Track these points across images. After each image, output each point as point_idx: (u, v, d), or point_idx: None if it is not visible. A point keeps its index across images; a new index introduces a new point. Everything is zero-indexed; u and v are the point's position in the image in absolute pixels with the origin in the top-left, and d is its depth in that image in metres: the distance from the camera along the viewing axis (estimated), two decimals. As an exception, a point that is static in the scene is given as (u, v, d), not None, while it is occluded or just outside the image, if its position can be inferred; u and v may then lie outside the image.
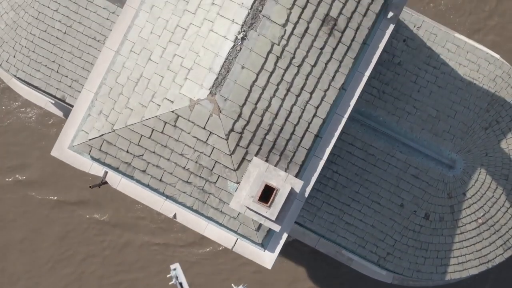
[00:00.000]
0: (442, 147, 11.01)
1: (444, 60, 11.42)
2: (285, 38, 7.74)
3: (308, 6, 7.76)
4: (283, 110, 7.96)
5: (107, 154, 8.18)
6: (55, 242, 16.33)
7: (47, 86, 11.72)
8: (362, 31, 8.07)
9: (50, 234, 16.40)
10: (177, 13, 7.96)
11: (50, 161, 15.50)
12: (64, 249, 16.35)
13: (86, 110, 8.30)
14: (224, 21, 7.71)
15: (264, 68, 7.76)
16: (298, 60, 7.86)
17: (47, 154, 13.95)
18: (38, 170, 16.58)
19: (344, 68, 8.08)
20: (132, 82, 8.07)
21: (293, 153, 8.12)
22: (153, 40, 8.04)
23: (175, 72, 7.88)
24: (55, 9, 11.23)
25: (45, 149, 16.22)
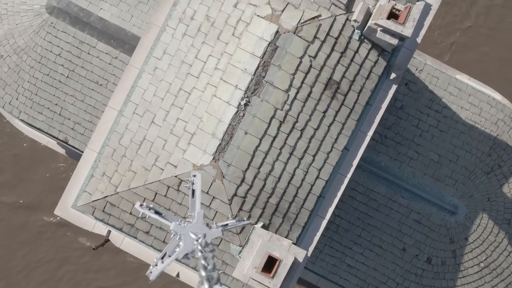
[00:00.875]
0: (444, 193, 11.01)
1: (446, 104, 11.43)
2: (288, 103, 7.76)
3: (311, 71, 7.76)
4: (286, 174, 7.97)
5: (111, 215, 8.19)
6: (32, 250, 16.41)
7: (49, 128, 11.75)
8: (365, 93, 8.08)
9: (23, 241, 16.45)
10: (180, 76, 7.97)
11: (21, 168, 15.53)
12: (40, 257, 16.40)
13: (89, 170, 8.30)
14: (228, 86, 7.72)
15: (267, 133, 7.77)
16: (301, 124, 7.86)
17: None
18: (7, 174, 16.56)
19: (347, 130, 8.09)
20: (135, 144, 8.08)
21: (296, 215, 8.13)
22: (156, 102, 8.05)
23: (178, 137, 7.89)
24: (57, 54, 11.25)
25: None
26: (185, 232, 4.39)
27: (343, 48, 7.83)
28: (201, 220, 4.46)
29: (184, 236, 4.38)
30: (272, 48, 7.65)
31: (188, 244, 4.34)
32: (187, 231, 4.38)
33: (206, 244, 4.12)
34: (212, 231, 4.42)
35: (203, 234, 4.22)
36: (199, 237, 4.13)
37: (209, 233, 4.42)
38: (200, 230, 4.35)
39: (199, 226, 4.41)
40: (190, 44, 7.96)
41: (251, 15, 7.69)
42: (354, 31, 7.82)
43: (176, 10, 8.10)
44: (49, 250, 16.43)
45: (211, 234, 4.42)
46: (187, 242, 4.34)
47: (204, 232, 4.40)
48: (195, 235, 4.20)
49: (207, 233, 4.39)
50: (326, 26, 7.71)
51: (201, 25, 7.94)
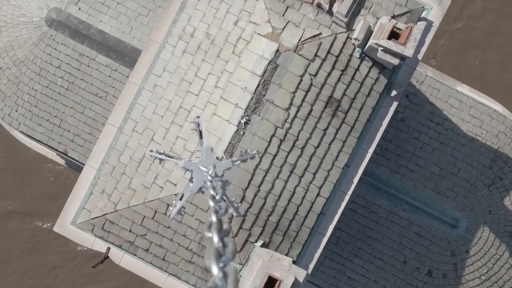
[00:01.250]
0: (445, 206, 10.97)
1: (447, 116, 11.39)
2: (289, 121, 7.72)
3: (312, 89, 7.73)
4: (286, 192, 7.93)
5: (110, 232, 8.16)
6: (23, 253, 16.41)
7: (49, 140, 11.70)
8: (366, 111, 8.04)
9: (14, 245, 16.43)
10: (180, 94, 7.94)
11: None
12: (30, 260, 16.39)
13: (89, 187, 8.27)
14: (228, 105, 7.68)
15: (268, 152, 7.73)
16: (301, 142, 7.83)
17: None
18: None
19: (347, 147, 8.05)
20: (135, 162, 8.05)
21: (296, 232, 8.09)
22: (156, 120, 8.01)
23: (178, 155, 7.84)
24: (57, 66, 11.21)
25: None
26: (196, 168, 4.39)
27: (343, 66, 7.80)
28: (209, 154, 4.45)
29: (195, 172, 4.39)
30: (273, 67, 7.61)
31: (199, 177, 4.37)
32: (197, 165, 4.37)
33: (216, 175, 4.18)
34: (222, 162, 4.38)
35: (213, 165, 4.23)
36: (209, 168, 4.17)
37: (219, 164, 4.39)
38: (210, 163, 4.36)
39: (209, 160, 4.40)
40: (190, 61, 7.92)
41: (252, 33, 7.66)
42: (355, 49, 7.78)
43: (176, 27, 8.06)
44: (40, 254, 16.43)
45: (221, 166, 4.39)
46: (199, 176, 4.37)
47: (213, 164, 4.38)
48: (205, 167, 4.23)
49: (217, 165, 4.37)
50: (327, 44, 7.68)
51: (201, 43, 7.90)
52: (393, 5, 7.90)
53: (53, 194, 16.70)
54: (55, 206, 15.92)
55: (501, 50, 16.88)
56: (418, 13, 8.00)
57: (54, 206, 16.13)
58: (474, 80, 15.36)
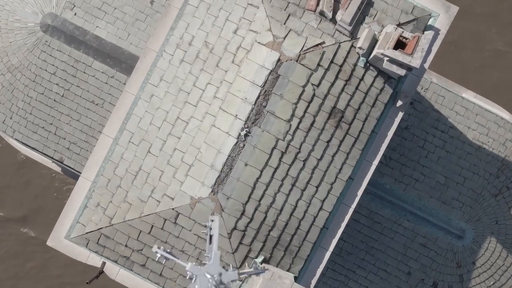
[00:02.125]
0: (451, 216, 10.69)
1: (453, 124, 11.10)
2: (290, 133, 7.43)
3: (314, 99, 7.44)
4: (288, 205, 7.65)
5: (105, 247, 7.88)
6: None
7: (44, 147, 11.43)
8: (370, 121, 7.75)
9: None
10: (178, 104, 7.65)
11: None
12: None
13: (83, 199, 7.99)
14: (227, 116, 7.40)
15: (269, 164, 7.45)
16: (303, 155, 7.54)
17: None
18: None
19: (351, 159, 7.77)
20: (131, 175, 7.77)
21: (298, 247, 7.81)
22: (152, 131, 7.73)
23: (176, 168, 7.57)
24: (52, 72, 10.93)
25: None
26: (201, 273, 4.36)
27: (347, 75, 7.51)
28: (217, 262, 4.42)
29: (200, 277, 4.35)
30: (274, 77, 7.32)
31: (203, 284, 4.32)
32: (203, 272, 4.35)
33: (221, 283, 4.20)
34: (228, 273, 4.38)
35: (219, 273, 4.23)
36: (214, 276, 4.17)
37: (225, 274, 4.39)
38: (216, 271, 4.33)
39: (215, 267, 4.38)
40: (188, 71, 7.64)
41: (252, 42, 7.37)
42: (359, 58, 7.50)
43: (173, 35, 7.78)
44: (12, 246, 16.15)
45: (227, 276, 4.37)
46: (203, 283, 4.32)
47: (220, 272, 4.39)
48: (211, 275, 4.20)
49: (223, 274, 4.37)
50: (330, 53, 7.39)
51: (200, 52, 7.62)
52: (398, 12, 7.61)
53: (48, 203, 16.44)
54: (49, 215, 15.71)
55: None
56: (425, 21, 7.71)
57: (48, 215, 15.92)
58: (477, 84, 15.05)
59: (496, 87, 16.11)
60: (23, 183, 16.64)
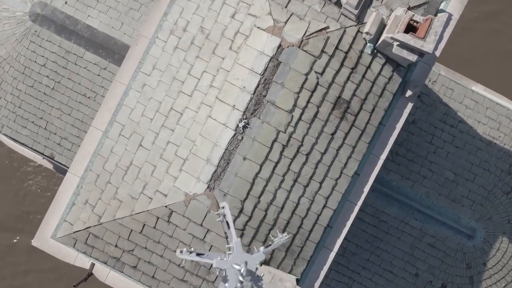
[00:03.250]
0: (460, 215, 10.16)
1: (462, 118, 10.58)
2: (292, 124, 6.91)
3: (318, 89, 6.92)
4: (289, 203, 7.13)
5: (94, 247, 7.37)
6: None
7: (34, 143, 10.92)
8: (378, 113, 7.23)
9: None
10: (172, 94, 7.13)
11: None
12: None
13: (71, 197, 7.47)
14: (224, 106, 6.88)
15: (269, 159, 6.93)
16: (306, 148, 7.02)
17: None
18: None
19: (357, 153, 7.25)
20: (121, 170, 7.25)
21: (301, 248, 7.29)
22: (144, 123, 7.21)
23: (169, 162, 7.05)
24: (42, 64, 10.42)
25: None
26: (228, 266, 4.31)
27: (353, 63, 6.99)
28: (240, 249, 4.38)
29: (229, 270, 4.31)
30: (274, 64, 6.80)
31: (233, 277, 4.27)
32: (229, 264, 4.28)
33: (249, 272, 4.16)
34: (254, 256, 4.31)
35: (245, 262, 4.14)
36: (241, 267, 4.12)
37: (250, 259, 4.31)
38: (242, 259, 4.28)
39: (240, 256, 4.32)
40: (183, 58, 7.12)
41: (251, 27, 6.85)
42: (366, 44, 6.97)
43: (167, 20, 7.27)
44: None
45: (253, 260, 4.30)
46: (232, 275, 4.27)
47: (245, 259, 4.31)
48: (238, 265, 4.15)
49: (249, 260, 4.29)
50: (335, 39, 6.87)
51: (195, 38, 7.10)
52: (408, -5, 7.09)
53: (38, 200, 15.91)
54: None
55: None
56: (436, 5, 7.19)
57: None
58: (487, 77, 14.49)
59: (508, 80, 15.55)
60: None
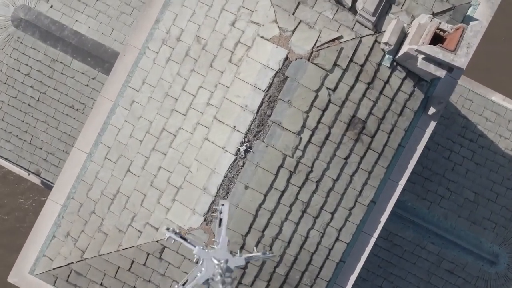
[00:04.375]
0: (482, 238, 9.31)
1: (482, 131, 9.73)
2: (301, 148, 6.06)
3: (330, 107, 6.07)
4: (297, 236, 6.28)
5: (76, 286, 6.52)
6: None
7: (18, 158, 10.10)
8: (397, 133, 6.38)
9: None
10: (164, 113, 6.29)
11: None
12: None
13: (51, 228, 6.63)
14: (223, 127, 6.03)
15: (274, 187, 6.08)
16: (316, 174, 6.17)
17: None
18: None
19: (374, 179, 6.40)
20: (107, 198, 6.41)
21: (310, 286, 6.45)
22: (133, 146, 6.37)
23: (161, 191, 6.21)
24: (26, 73, 9.59)
25: None
26: (208, 257, 4.31)
27: (370, 77, 6.14)
28: (225, 247, 4.36)
29: (207, 262, 4.30)
30: (280, 79, 5.95)
31: (209, 269, 4.27)
32: (210, 256, 4.30)
33: (228, 270, 4.13)
34: (235, 258, 4.30)
35: (225, 259, 4.15)
36: (221, 262, 4.13)
37: (232, 260, 4.31)
38: (223, 256, 4.28)
39: (223, 252, 4.33)
40: (176, 72, 6.28)
41: (253, 37, 6.00)
42: (384, 56, 6.13)
43: (158, 28, 6.42)
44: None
45: (233, 262, 4.30)
46: (209, 268, 4.26)
47: (226, 258, 4.29)
48: (217, 260, 4.16)
49: (230, 260, 4.28)
50: (349, 50, 6.02)
51: (190, 48, 6.25)
52: (431, 0, 6.24)
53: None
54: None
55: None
56: (463, 11, 6.34)
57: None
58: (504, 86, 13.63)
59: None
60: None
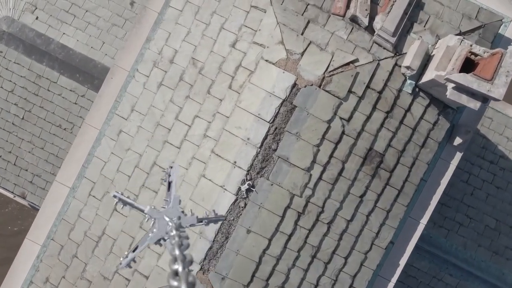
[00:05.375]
0: (504, 270, 8.57)
1: (503, 152, 8.99)
2: (310, 186, 5.33)
3: (344, 139, 5.33)
4: (306, 285, 5.55)
5: (57, 338, 5.80)
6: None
7: (2, 180, 9.36)
8: (419, 167, 5.64)
9: None
10: (154, 145, 5.55)
11: None
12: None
13: (29, 270, 5.91)
14: (222, 163, 5.29)
15: (280, 230, 5.35)
16: (328, 215, 5.44)
17: None
18: None
19: (392, 219, 5.66)
20: (91, 240, 5.68)
21: None
22: (120, 181, 5.64)
23: (151, 234, 5.46)
24: (10, 90, 8.86)
25: None
26: (160, 217, 4.01)
27: (389, 105, 5.40)
28: (177, 205, 4.07)
29: (159, 221, 4.00)
30: (287, 109, 5.22)
31: (161, 228, 4.00)
32: (161, 215, 4.02)
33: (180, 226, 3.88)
34: (187, 217, 4.07)
35: (178, 217, 3.93)
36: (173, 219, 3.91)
37: (184, 219, 4.06)
38: (175, 215, 4.00)
39: (174, 211, 4.04)
40: (169, 99, 5.55)
41: (257, 60, 5.27)
42: (405, 81, 5.39)
43: (149, 48, 5.69)
44: None
45: (185, 220, 4.05)
46: (161, 227, 3.98)
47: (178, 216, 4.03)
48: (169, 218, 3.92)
49: (182, 218, 4.03)
50: (366, 75, 5.28)
51: (185, 72, 5.52)
52: (458, 18, 5.50)
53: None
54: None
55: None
56: (494, 30, 5.60)
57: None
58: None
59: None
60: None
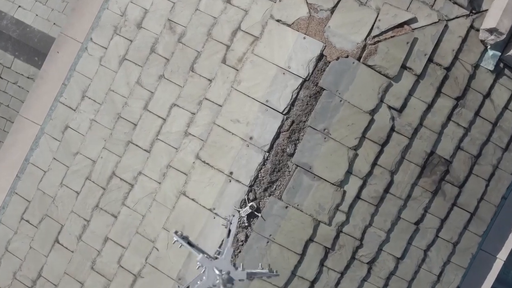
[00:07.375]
0: None
1: None
2: (344, 209, 3.58)
3: (394, 139, 3.58)
4: None
5: None
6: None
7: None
8: (501, 180, 3.90)
9: None
10: (113, 147, 3.81)
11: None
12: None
13: None
14: (212, 175, 3.54)
15: (298, 275, 3.60)
16: (369, 251, 3.69)
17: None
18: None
19: (461, 255, 3.91)
20: (22, 286, 3.95)
21: None
22: (65, 200, 3.91)
23: (108, 278, 3.73)
24: (-46, 77, 7.14)
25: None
26: (210, 266, 3.72)
27: (460, 89, 3.65)
28: (229, 258, 3.75)
29: (208, 270, 3.70)
30: (311, 93, 3.46)
31: (210, 278, 3.68)
32: (212, 265, 3.72)
33: (229, 281, 3.77)
34: (238, 272, 3.69)
35: (228, 271, 3.59)
36: (223, 273, 3.60)
37: (234, 273, 3.72)
38: (226, 268, 3.69)
39: (226, 264, 3.74)
40: (135, 79, 3.81)
41: (264, 20, 3.51)
42: (485, 52, 3.64)
43: (108, 8, 3.98)
44: None
45: (235, 275, 3.68)
46: (210, 276, 3.67)
47: (229, 270, 3.71)
48: (219, 270, 3.62)
49: (232, 272, 3.70)
50: (428, 43, 3.52)
51: (158, 41, 3.78)
52: (559, -40, 3.73)
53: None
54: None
55: None
56: None
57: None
58: None
59: None
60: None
